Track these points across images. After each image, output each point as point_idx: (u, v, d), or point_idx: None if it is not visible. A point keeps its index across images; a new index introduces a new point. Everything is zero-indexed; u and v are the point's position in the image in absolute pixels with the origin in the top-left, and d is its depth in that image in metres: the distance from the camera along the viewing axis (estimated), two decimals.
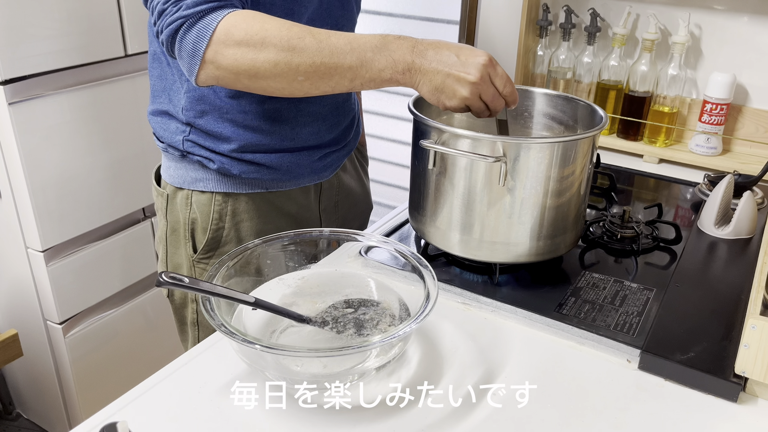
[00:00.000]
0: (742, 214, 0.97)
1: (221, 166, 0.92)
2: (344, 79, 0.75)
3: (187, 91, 0.90)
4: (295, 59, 0.74)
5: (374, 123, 2.00)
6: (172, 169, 0.96)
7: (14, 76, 1.30)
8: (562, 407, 0.66)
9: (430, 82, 0.75)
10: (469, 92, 0.75)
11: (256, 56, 0.74)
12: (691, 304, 0.81)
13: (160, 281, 0.62)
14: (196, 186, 0.94)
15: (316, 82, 0.76)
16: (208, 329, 0.98)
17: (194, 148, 0.92)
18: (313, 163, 0.98)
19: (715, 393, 0.68)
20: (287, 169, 0.95)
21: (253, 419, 0.64)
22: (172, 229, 0.97)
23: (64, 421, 1.67)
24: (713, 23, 1.29)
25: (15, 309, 1.60)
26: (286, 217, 0.99)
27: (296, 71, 0.75)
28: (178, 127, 0.93)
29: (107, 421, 0.55)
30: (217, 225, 0.94)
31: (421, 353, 0.74)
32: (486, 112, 0.78)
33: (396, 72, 0.75)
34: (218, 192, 0.94)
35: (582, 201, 0.86)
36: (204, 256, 0.96)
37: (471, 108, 0.77)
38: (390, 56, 0.74)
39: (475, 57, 0.75)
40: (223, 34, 0.74)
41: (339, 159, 1.03)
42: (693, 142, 1.33)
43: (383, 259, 0.84)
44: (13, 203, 1.42)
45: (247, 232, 0.96)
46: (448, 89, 0.75)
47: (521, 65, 1.44)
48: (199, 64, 0.76)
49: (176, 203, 0.96)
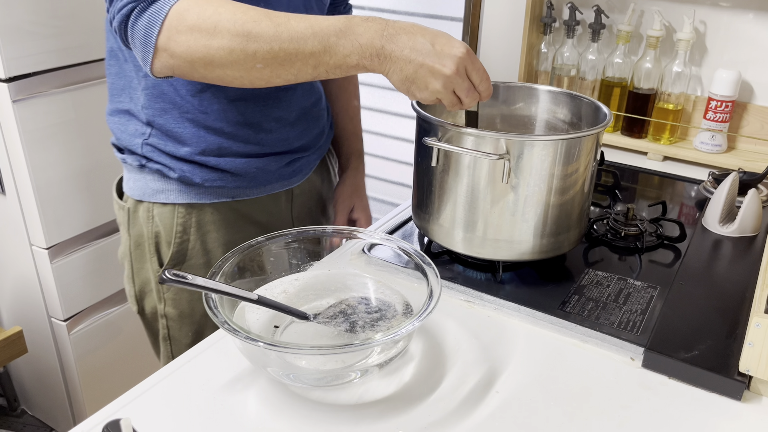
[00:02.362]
0: (747, 212, 0.97)
1: (182, 174, 0.87)
2: (307, 65, 0.70)
3: (146, 87, 0.85)
4: (252, 45, 0.69)
5: (378, 120, 2.00)
6: (132, 182, 0.92)
7: (18, 73, 1.31)
8: (565, 405, 0.66)
9: (401, 71, 0.70)
10: (442, 85, 0.70)
11: (209, 43, 0.69)
12: (695, 302, 0.81)
13: (163, 278, 0.62)
14: (157, 198, 0.90)
15: (276, 70, 0.71)
16: (180, 343, 0.95)
17: (153, 154, 0.88)
18: (281, 169, 0.93)
19: (719, 391, 0.68)
20: (253, 176, 0.91)
21: (255, 416, 0.64)
22: (136, 243, 0.93)
23: (69, 418, 1.68)
24: (718, 20, 1.29)
25: (19, 306, 1.60)
26: (255, 226, 0.94)
27: (253, 58, 0.69)
28: (137, 129, 0.88)
29: (111, 418, 0.55)
30: (181, 238, 0.90)
31: (423, 351, 0.74)
32: (458, 105, 0.74)
33: (363, 58, 0.69)
34: (180, 203, 0.89)
35: (586, 198, 0.86)
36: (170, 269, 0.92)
37: (442, 101, 0.73)
38: (356, 40, 0.69)
39: (452, 48, 0.69)
40: (175, 19, 0.69)
41: (309, 164, 0.99)
42: (698, 139, 1.32)
43: (386, 256, 0.84)
44: (18, 200, 1.43)
45: (215, 244, 0.92)
46: (420, 80, 0.70)
47: (525, 62, 1.44)
48: (153, 52, 0.71)
49: (138, 217, 0.92)
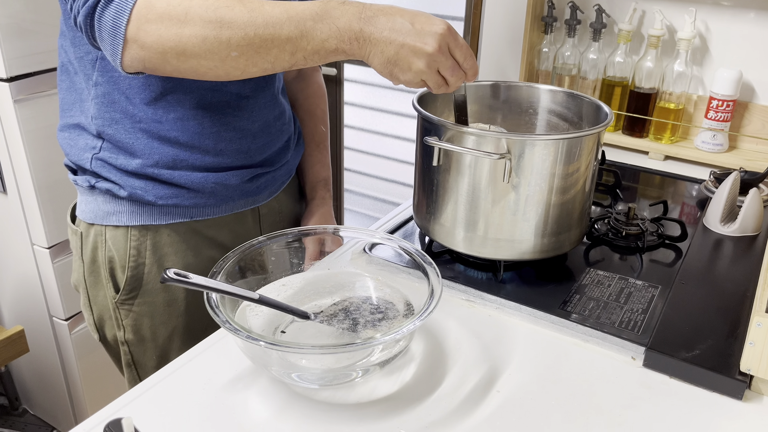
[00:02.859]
0: (748, 212, 0.97)
1: (132, 192, 0.83)
2: (284, 52, 0.68)
3: (96, 96, 0.81)
4: (225, 32, 0.66)
5: (379, 120, 2.01)
6: (84, 204, 0.88)
7: (19, 73, 1.31)
8: (566, 405, 0.66)
9: (382, 53, 0.68)
10: (425, 64, 0.68)
11: (180, 31, 0.66)
12: (696, 301, 0.81)
13: (164, 278, 0.62)
14: (108, 220, 0.85)
15: (252, 57, 0.68)
16: (146, 367, 0.91)
17: (103, 170, 0.83)
18: (243, 185, 0.89)
19: (721, 391, 0.68)
20: (212, 192, 0.86)
21: (256, 416, 0.64)
22: (89, 270, 0.89)
23: (70, 417, 1.68)
24: (719, 19, 1.29)
25: (21, 305, 1.60)
26: (219, 248, 0.90)
27: (228, 46, 0.67)
28: (88, 143, 0.84)
29: (112, 417, 0.55)
30: (136, 262, 0.86)
31: (424, 350, 0.74)
32: (444, 87, 0.72)
33: (342, 42, 0.67)
34: (133, 225, 0.85)
35: (587, 198, 0.86)
36: (127, 296, 0.87)
37: (427, 82, 0.71)
38: (333, 24, 0.67)
39: (432, 25, 0.67)
40: (144, 7, 0.66)
41: (275, 180, 0.94)
42: (699, 138, 1.32)
43: (387, 256, 0.84)
44: (19, 200, 1.43)
45: (173, 267, 0.82)
46: (403, 61, 0.68)
47: (526, 62, 1.44)
48: (122, 44, 0.67)
49: (90, 241, 0.87)
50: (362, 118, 2.10)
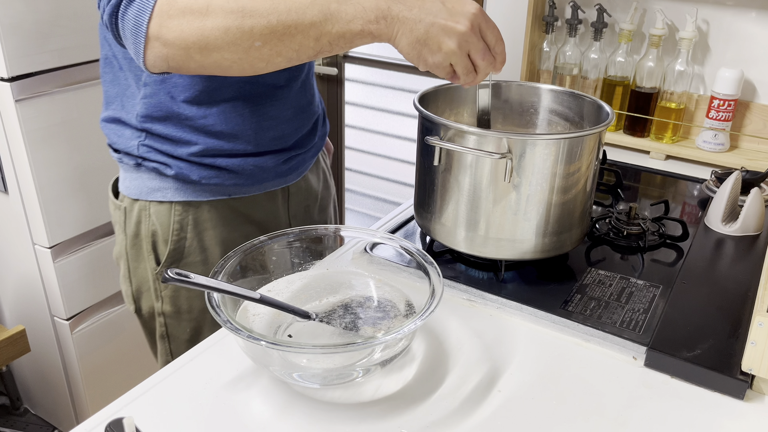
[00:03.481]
0: (750, 211, 0.96)
1: (179, 171, 0.86)
2: (308, 38, 0.66)
3: (144, 97, 0.84)
4: (248, 21, 0.65)
5: (379, 119, 2.01)
6: (128, 180, 0.91)
7: (21, 73, 1.31)
8: (567, 404, 0.66)
9: (411, 32, 0.65)
10: (457, 44, 0.65)
11: (203, 24, 0.66)
12: (697, 301, 0.81)
13: (166, 277, 0.62)
14: (153, 196, 0.89)
15: (276, 46, 0.67)
16: (179, 340, 0.95)
17: (150, 153, 0.87)
18: (278, 167, 0.93)
19: (722, 390, 0.68)
20: (250, 174, 0.90)
21: (257, 415, 0.64)
22: (132, 243, 0.92)
23: (71, 417, 1.68)
24: (721, 19, 1.29)
25: (22, 305, 1.60)
26: (252, 224, 0.94)
27: (251, 36, 0.66)
28: (133, 134, 0.88)
29: (114, 417, 0.55)
30: (178, 236, 0.89)
31: (425, 350, 0.74)
32: (472, 75, 0.69)
33: (368, 22, 0.65)
34: (177, 201, 0.89)
35: (588, 198, 0.86)
36: (168, 268, 0.90)
37: (456, 67, 0.68)
38: (359, 4, 0.65)
39: (464, 5, 0.65)
40: (165, 3, 0.66)
41: (304, 162, 0.99)
42: (700, 138, 1.32)
43: (388, 255, 0.84)
44: (21, 200, 1.43)
45: (212, 242, 0.91)
46: (433, 41, 0.65)
47: (527, 61, 1.44)
48: (144, 42, 0.68)
49: (134, 216, 0.91)
50: (363, 117, 2.10)
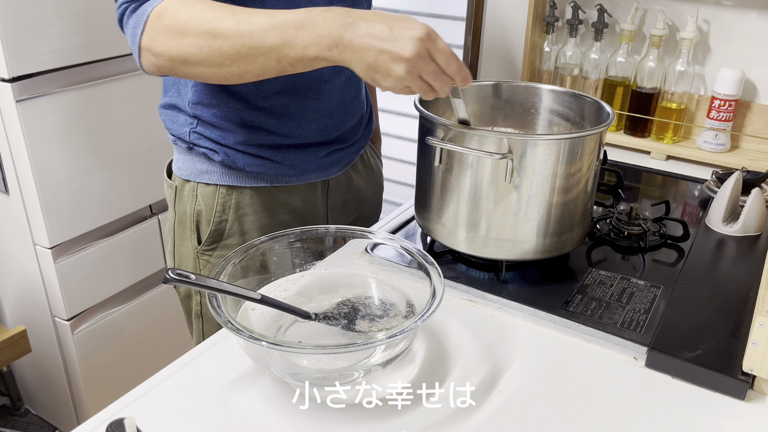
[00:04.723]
0: (751, 211, 0.96)
1: (225, 158, 0.92)
2: (270, 60, 0.70)
3: (195, 84, 0.90)
4: (217, 42, 0.71)
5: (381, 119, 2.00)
6: (181, 162, 0.97)
7: (22, 73, 1.31)
8: (568, 405, 0.66)
9: (362, 60, 0.67)
10: (405, 70, 0.66)
11: (181, 42, 0.72)
12: (698, 301, 0.81)
13: (166, 278, 0.62)
14: (201, 178, 0.94)
15: (242, 65, 0.72)
16: (212, 322, 0.98)
17: (200, 140, 0.92)
18: (320, 160, 0.97)
19: (723, 391, 0.68)
20: (292, 164, 0.95)
21: (258, 416, 0.64)
22: (180, 220, 0.98)
23: (72, 417, 1.68)
24: (721, 19, 1.29)
25: (23, 305, 1.61)
26: (291, 212, 0.98)
27: (220, 54, 0.71)
28: (186, 119, 0.93)
29: (115, 417, 0.55)
30: (220, 217, 0.94)
31: (426, 350, 0.74)
32: (432, 93, 0.70)
33: (322, 49, 0.68)
34: (222, 184, 0.94)
35: (589, 198, 0.86)
36: (208, 248, 0.96)
37: (412, 89, 0.69)
38: (314, 31, 0.67)
39: (410, 30, 0.66)
40: (154, 19, 0.74)
41: (347, 157, 1.02)
42: (701, 138, 1.32)
43: (389, 256, 0.84)
44: (21, 200, 1.43)
45: (251, 226, 0.95)
46: (382, 68, 0.67)
47: (528, 62, 1.44)
48: (138, 51, 0.76)
49: (183, 195, 0.96)
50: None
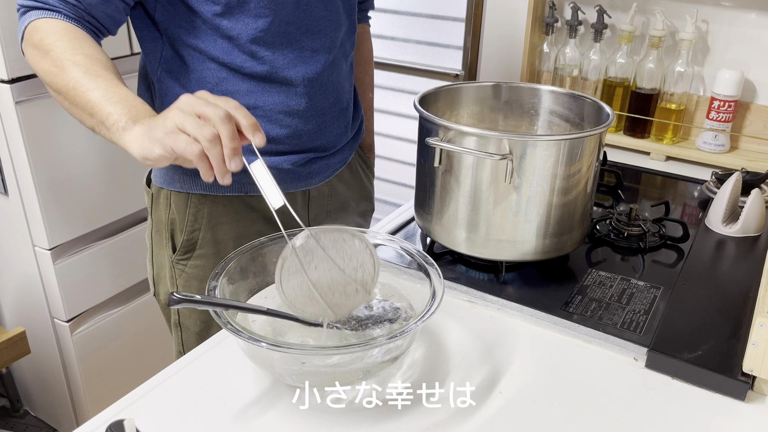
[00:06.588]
0: (750, 212, 0.96)
1: None
2: (85, 114, 0.73)
3: (159, 89, 0.89)
4: (53, 79, 0.75)
5: (380, 120, 2.00)
6: (156, 169, 0.95)
7: (21, 74, 1.31)
8: (568, 405, 0.66)
9: None
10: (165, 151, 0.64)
11: (40, 61, 0.76)
12: (698, 302, 0.81)
13: (172, 299, 0.60)
14: (174, 186, 0.93)
15: (67, 107, 0.76)
16: (190, 331, 0.97)
17: None
18: (296, 169, 0.94)
19: (723, 391, 0.68)
20: None
21: (257, 417, 0.64)
22: (156, 228, 0.97)
23: (72, 419, 1.68)
24: (721, 20, 1.29)
25: (22, 307, 1.60)
26: (268, 222, 0.95)
27: (55, 88, 0.75)
28: None
29: (114, 419, 0.55)
30: (192, 227, 0.93)
31: (426, 351, 0.74)
32: (218, 163, 0.64)
33: (114, 123, 0.70)
34: (195, 193, 0.92)
35: (588, 199, 0.86)
36: (182, 257, 0.94)
37: (186, 156, 0.64)
38: (119, 105, 0.70)
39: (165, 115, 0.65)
40: (28, 33, 0.78)
41: (328, 167, 0.98)
42: (700, 139, 1.32)
43: (389, 257, 0.84)
44: (21, 201, 1.43)
45: (225, 236, 0.93)
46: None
47: (527, 62, 1.44)
48: (22, 51, 0.80)
49: (159, 203, 0.95)
50: None
